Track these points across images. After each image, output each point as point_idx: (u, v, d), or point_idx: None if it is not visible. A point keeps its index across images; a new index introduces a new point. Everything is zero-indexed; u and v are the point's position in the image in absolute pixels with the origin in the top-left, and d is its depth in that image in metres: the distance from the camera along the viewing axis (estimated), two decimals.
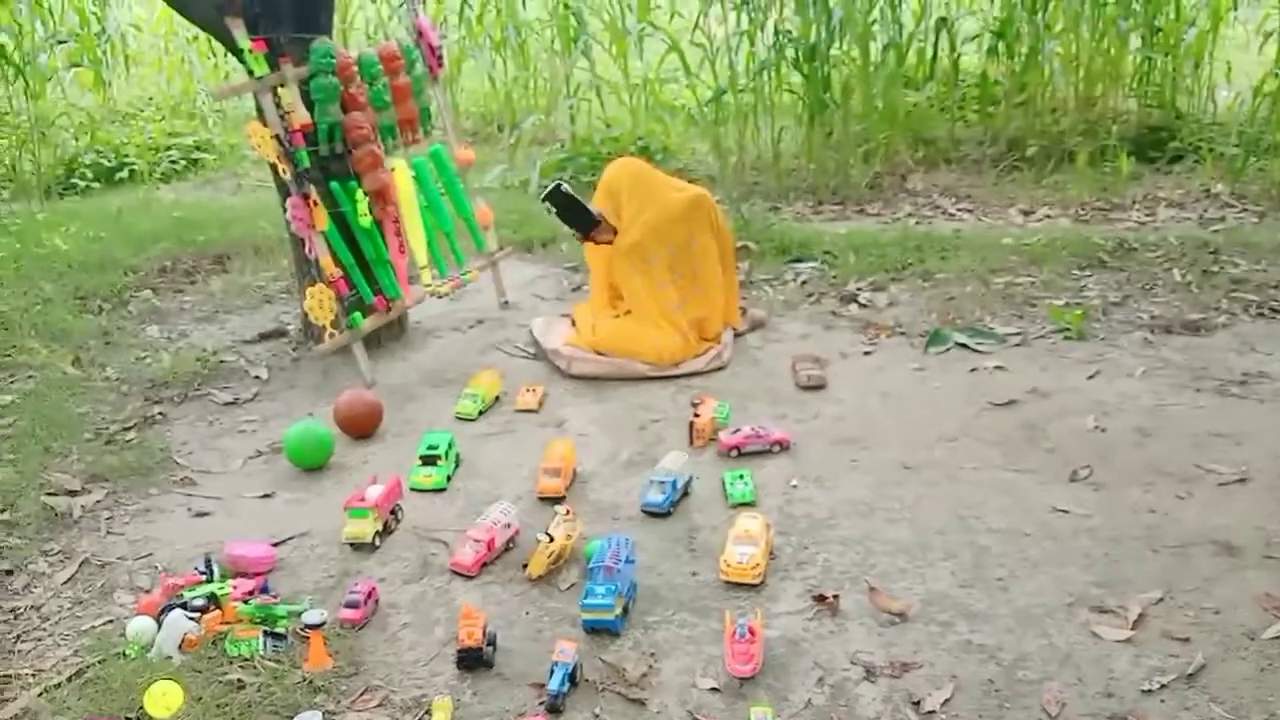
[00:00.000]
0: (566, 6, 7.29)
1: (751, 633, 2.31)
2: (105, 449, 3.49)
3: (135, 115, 9.03)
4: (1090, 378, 3.67)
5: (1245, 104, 6.25)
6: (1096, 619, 2.42)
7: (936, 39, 6.90)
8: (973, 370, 3.82)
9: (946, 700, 2.20)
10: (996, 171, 6.34)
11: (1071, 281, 4.58)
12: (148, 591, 2.69)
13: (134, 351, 4.34)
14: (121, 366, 4.18)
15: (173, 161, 7.84)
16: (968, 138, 6.92)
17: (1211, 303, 4.21)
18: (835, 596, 2.54)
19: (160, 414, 3.79)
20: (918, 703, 2.20)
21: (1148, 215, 5.46)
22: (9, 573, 2.84)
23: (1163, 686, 2.19)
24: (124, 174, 7.46)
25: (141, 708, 2.19)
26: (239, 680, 2.32)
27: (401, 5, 7.63)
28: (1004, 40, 6.67)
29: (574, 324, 4.30)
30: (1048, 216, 5.59)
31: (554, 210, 4.05)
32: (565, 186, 4.00)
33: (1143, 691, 2.19)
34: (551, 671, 2.25)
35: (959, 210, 5.81)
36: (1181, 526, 2.76)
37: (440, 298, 4.40)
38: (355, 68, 3.94)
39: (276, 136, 3.72)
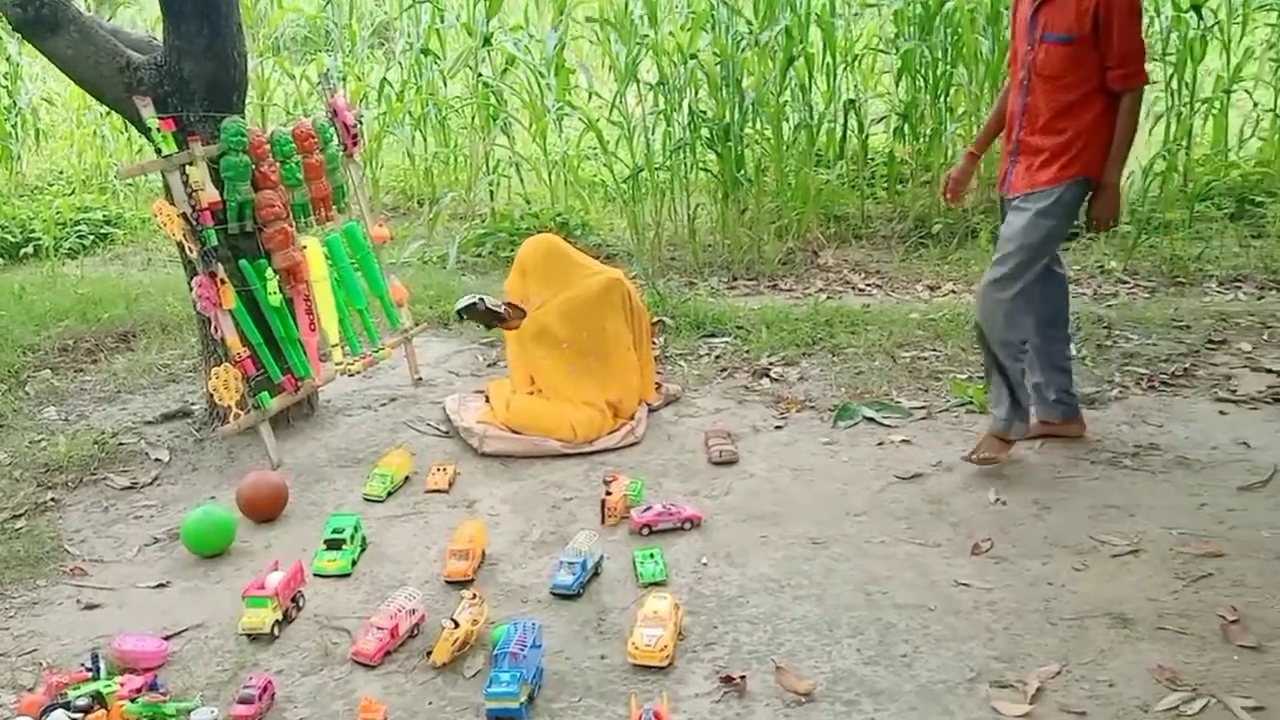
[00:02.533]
0: (486, 85, 7.39)
1: (657, 717, 2.29)
2: None
3: (44, 190, 8.85)
4: None
5: (1136, 184, 6.56)
6: (996, 694, 2.44)
7: (845, 120, 7.14)
8: (880, 444, 3.89)
9: None
10: (904, 248, 6.54)
11: (974, 356, 4.68)
12: (30, 690, 2.57)
13: (29, 434, 4.20)
14: (14, 450, 4.03)
15: (81, 236, 7.67)
16: (878, 214, 7.14)
17: (1105, 376, 4.36)
18: (742, 677, 2.53)
19: (52, 500, 3.65)
20: None
21: None
22: None
23: None
24: (29, 249, 7.28)
25: None
26: None
27: (319, 83, 7.65)
28: (909, 122, 6.94)
29: (488, 400, 4.28)
30: (952, 292, 5.76)
31: (464, 318, 4.20)
32: (472, 300, 4.13)
33: None
34: None
35: (868, 285, 5.96)
36: (1078, 599, 2.82)
37: (352, 375, 4.35)
38: (267, 146, 3.94)
39: (184, 215, 3.68)
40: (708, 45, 6.42)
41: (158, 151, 3.69)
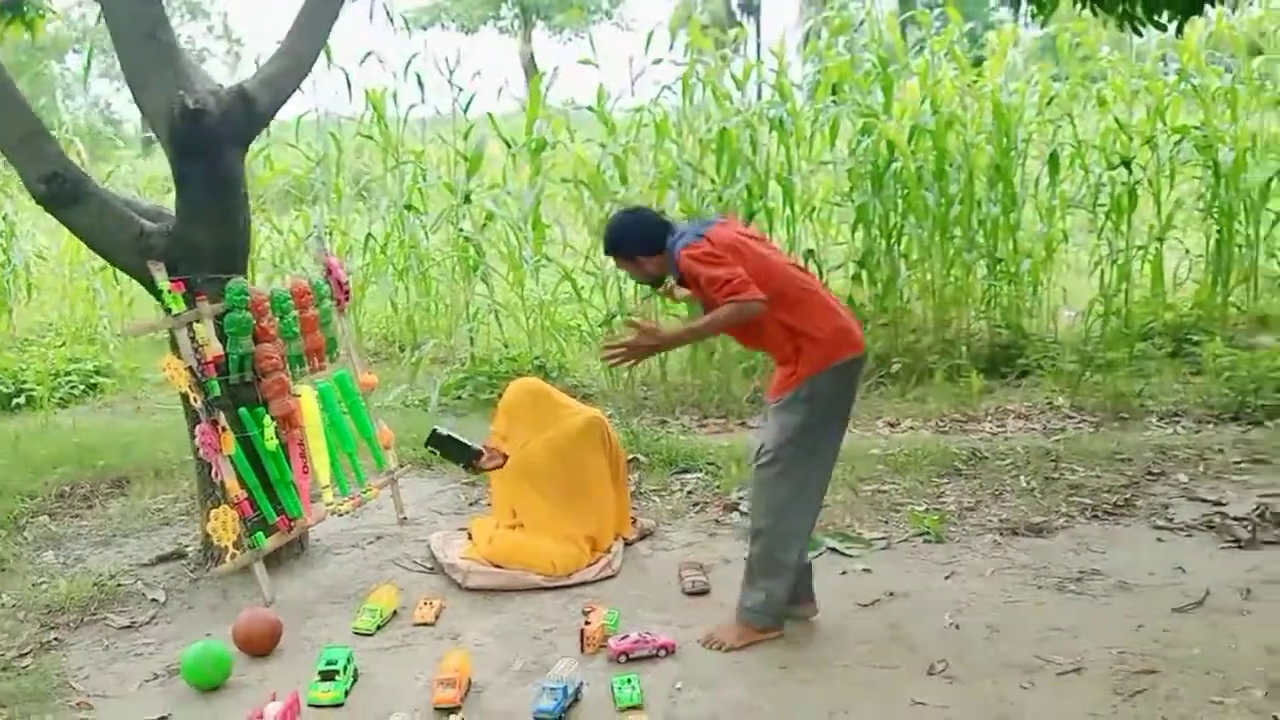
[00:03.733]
0: (466, 239, 7.83)
1: None
2: (1, 675, 3.49)
3: (35, 341, 9.13)
4: (947, 578, 4.01)
5: (1079, 325, 7.02)
6: None
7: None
8: (843, 573, 4.13)
9: None
10: (865, 386, 6.89)
11: (932, 488, 5.00)
12: None
13: (30, 578, 4.36)
14: (17, 593, 4.19)
15: (71, 386, 7.91)
16: None
17: (1052, 506, 4.66)
18: None
19: (56, 639, 3.81)
20: None
21: (999, 426, 6.01)
22: None
23: None
24: (21, 400, 7.50)
25: None
26: None
27: (309, 237, 8.07)
28: (865, 269, 7.41)
29: (471, 537, 4.50)
30: (911, 428, 6.09)
31: (436, 451, 4.38)
32: (441, 430, 4.33)
33: None
34: None
35: None
36: (1026, 714, 3.04)
37: (341, 515, 4.57)
38: (268, 303, 4.27)
39: (190, 368, 3.96)
40: (674, 203, 6.90)
41: (167, 311, 4.00)
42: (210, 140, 4.07)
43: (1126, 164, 7.22)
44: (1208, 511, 4.48)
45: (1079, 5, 4.10)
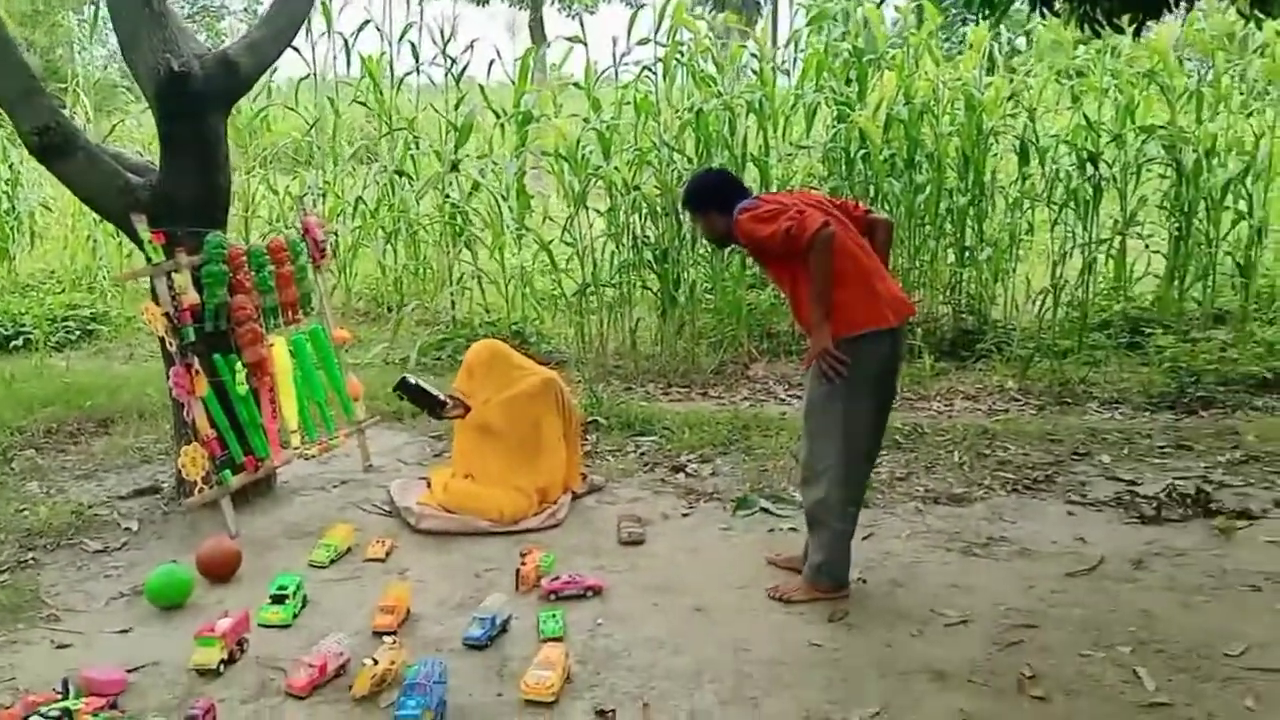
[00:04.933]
0: (454, 206, 8.09)
1: None
2: None
3: (36, 287, 9.43)
4: (865, 539, 4.28)
5: (1030, 313, 7.27)
6: None
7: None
8: (770, 530, 4.42)
9: None
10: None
11: None
12: (8, 708, 3.01)
13: (13, 504, 4.67)
14: (0, 518, 4.50)
15: (69, 331, 8.23)
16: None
17: (977, 480, 4.94)
18: (613, 711, 3.01)
19: (33, 559, 4.12)
20: None
21: (945, 405, 6.29)
22: None
23: None
24: (19, 342, 7.82)
25: None
26: None
27: (302, 198, 8.33)
28: None
29: (429, 485, 4.79)
30: None
31: (404, 396, 4.68)
32: (410, 379, 4.66)
33: None
34: None
35: (789, 395, 6.56)
36: (908, 658, 3.33)
37: (307, 459, 4.87)
38: (244, 257, 4.54)
39: (167, 314, 4.25)
40: (649, 179, 7.16)
41: (148, 260, 4.28)
42: (194, 102, 4.33)
43: (1094, 159, 7.46)
44: (1121, 490, 4.75)
45: (1034, 7, 4.25)
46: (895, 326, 3.59)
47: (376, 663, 3.13)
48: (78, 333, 8.31)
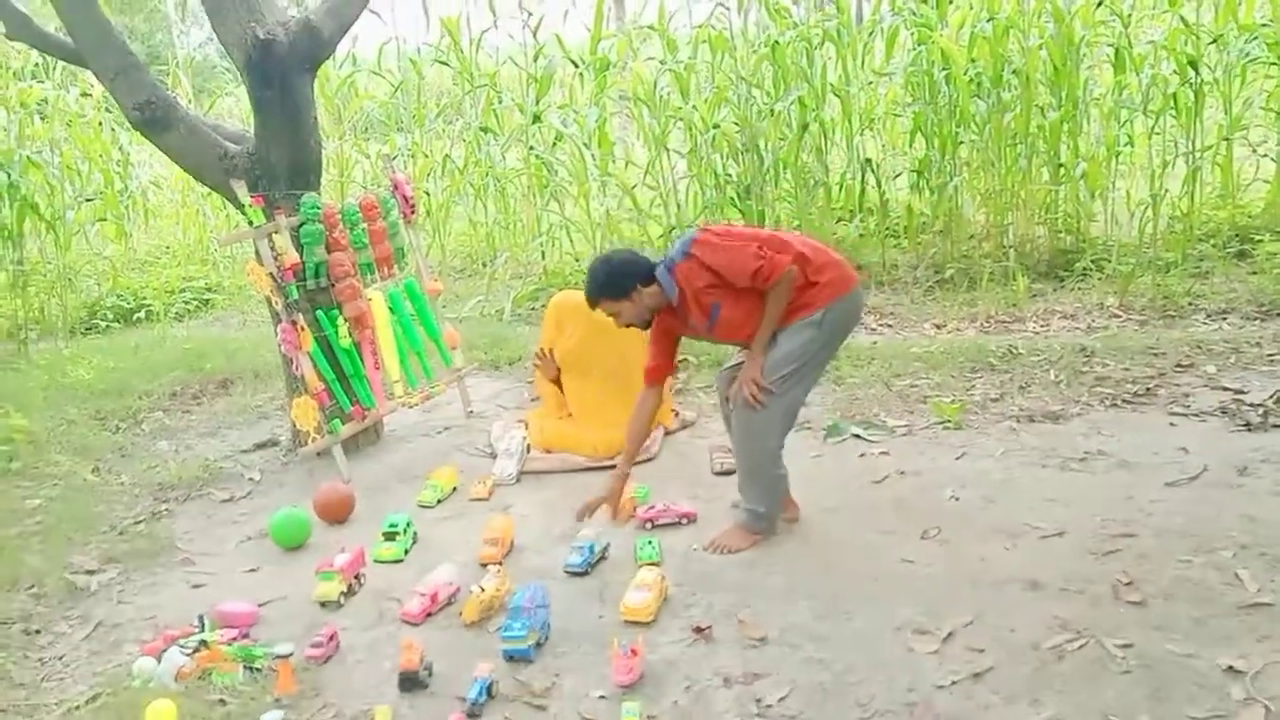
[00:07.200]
0: (538, 158, 8.21)
1: (633, 652, 2.89)
2: (119, 538, 4.13)
3: (153, 262, 9.94)
4: (958, 459, 4.30)
5: (1130, 226, 7.03)
6: (914, 638, 2.99)
7: (863, 177, 7.76)
8: (861, 455, 4.46)
9: (783, 698, 2.77)
10: (919, 291, 7.09)
11: (963, 382, 5.24)
12: (150, 641, 3.28)
13: (146, 461, 5.01)
14: (134, 474, 4.84)
15: (186, 302, 8.68)
16: (903, 263, 7.70)
17: (1074, 396, 4.86)
18: (709, 627, 3.12)
19: (166, 510, 4.43)
20: (759, 700, 2.77)
21: (1042, 326, 6.17)
22: (37, 632, 3.44)
23: (954, 683, 2.76)
24: (141, 314, 8.28)
25: None
26: (222, 699, 2.90)
27: (392, 159, 8.54)
28: (923, 177, 7.53)
29: (527, 427, 4.95)
30: (957, 329, 6.30)
31: None
32: None
33: (936, 687, 2.76)
34: (472, 685, 2.84)
35: (880, 325, 6.53)
36: (1001, 569, 3.35)
37: (411, 408, 5.08)
38: (339, 216, 4.73)
39: (271, 274, 4.47)
40: (727, 117, 7.14)
41: (250, 223, 4.50)
42: (280, 68, 4.51)
43: (1194, 64, 7.13)
44: (1226, 400, 4.63)
45: None
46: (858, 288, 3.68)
47: (484, 590, 3.30)
48: (194, 303, 8.75)
